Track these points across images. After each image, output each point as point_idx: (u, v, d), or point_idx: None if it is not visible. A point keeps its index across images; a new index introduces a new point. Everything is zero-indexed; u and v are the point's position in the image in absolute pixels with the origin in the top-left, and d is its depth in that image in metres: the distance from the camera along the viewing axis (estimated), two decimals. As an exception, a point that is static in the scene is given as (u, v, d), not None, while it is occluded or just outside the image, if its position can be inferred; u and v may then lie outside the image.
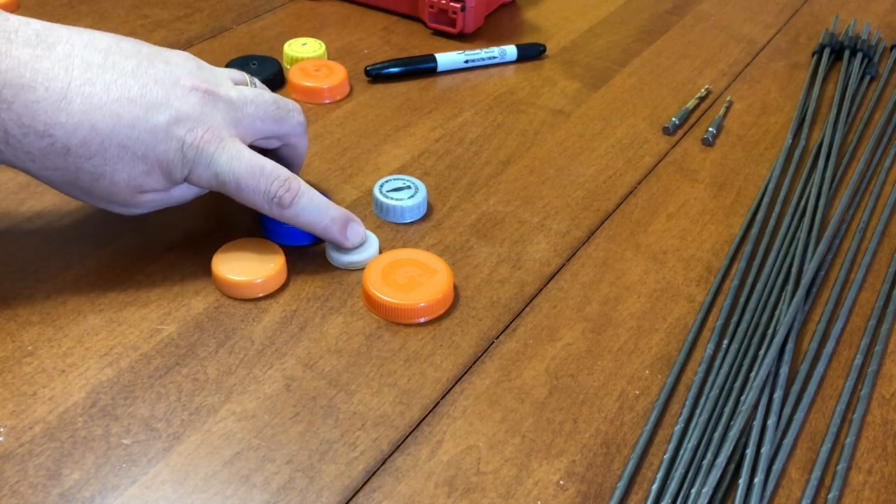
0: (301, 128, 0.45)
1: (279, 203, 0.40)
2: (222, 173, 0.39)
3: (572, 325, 0.42)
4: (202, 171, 0.39)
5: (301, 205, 0.41)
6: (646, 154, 0.55)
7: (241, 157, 0.39)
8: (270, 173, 0.40)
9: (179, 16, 0.67)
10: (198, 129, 0.38)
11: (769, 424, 0.36)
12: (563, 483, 0.34)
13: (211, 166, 0.39)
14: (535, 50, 0.65)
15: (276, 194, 0.40)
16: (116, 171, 0.37)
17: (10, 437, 0.34)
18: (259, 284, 0.41)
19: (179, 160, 0.38)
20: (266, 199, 0.40)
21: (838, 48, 0.68)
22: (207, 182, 0.40)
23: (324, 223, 0.42)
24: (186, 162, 0.38)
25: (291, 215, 0.41)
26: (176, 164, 0.38)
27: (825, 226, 0.49)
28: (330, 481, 0.33)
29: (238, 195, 0.40)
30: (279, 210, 0.40)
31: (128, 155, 0.37)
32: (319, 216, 0.42)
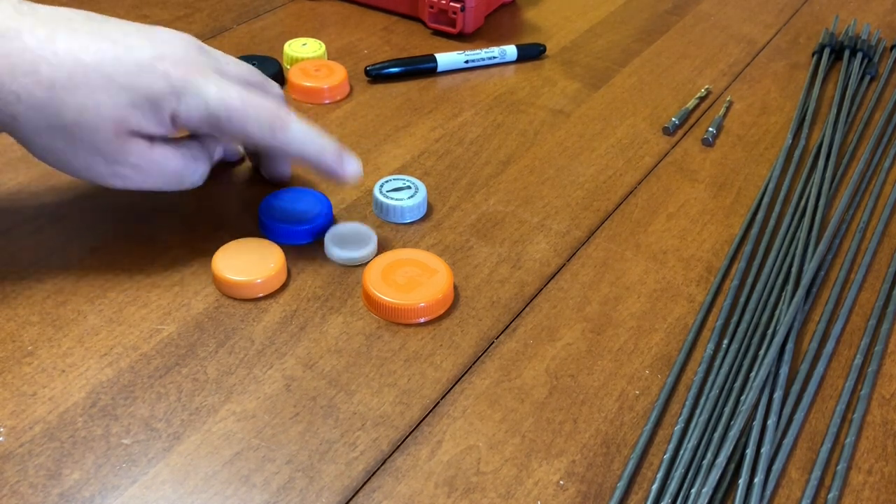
0: (282, 99, 0.45)
1: (272, 127, 0.40)
2: (212, 102, 0.38)
3: (572, 325, 0.42)
4: (191, 100, 0.38)
5: (294, 129, 0.41)
6: (646, 154, 0.55)
7: (230, 87, 0.39)
8: (261, 101, 0.40)
9: (179, 16, 0.67)
10: (182, 65, 0.38)
11: (769, 424, 0.36)
12: (563, 483, 0.34)
13: (200, 95, 0.38)
14: (535, 50, 0.65)
15: (269, 119, 0.40)
16: (101, 103, 0.37)
17: (10, 437, 0.34)
18: (259, 284, 0.41)
19: (167, 90, 0.38)
20: (258, 125, 0.39)
21: (838, 48, 0.68)
22: (197, 114, 0.39)
23: (317, 149, 0.42)
24: (174, 91, 0.38)
25: (284, 142, 0.41)
26: (164, 94, 0.38)
27: (825, 226, 0.49)
28: (330, 481, 0.33)
29: (229, 126, 0.39)
30: (272, 135, 0.40)
31: (113, 86, 0.37)
32: (313, 143, 0.42)
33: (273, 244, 0.43)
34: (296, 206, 0.45)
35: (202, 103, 0.38)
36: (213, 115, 0.39)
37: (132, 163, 0.39)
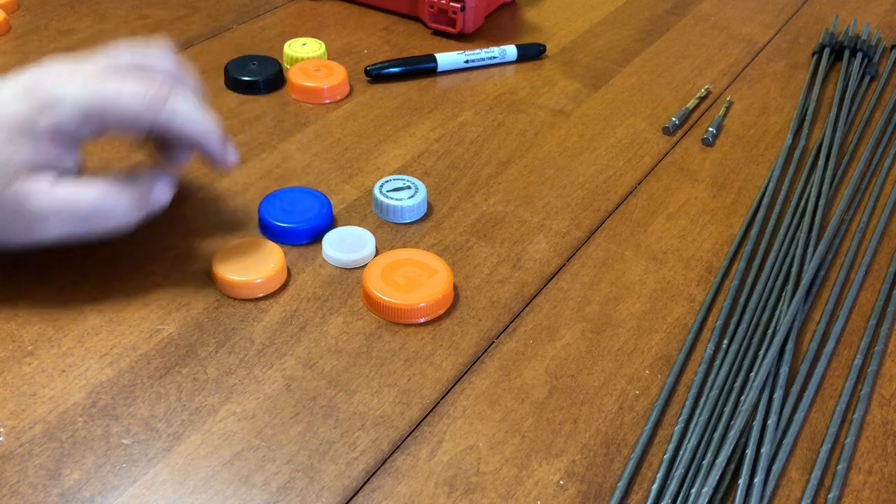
0: (173, 64, 0.40)
1: (151, 106, 0.36)
2: (83, 96, 0.35)
3: (572, 325, 0.42)
4: (61, 108, 0.35)
5: (178, 105, 0.37)
6: (646, 154, 0.55)
7: (97, 79, 0.36)
8: (136, 83, 0.37)
9: (179, 16, 0.67)
10: (40, 79, 0.36)
11: (769, 424, 0.36)
12: (563, 483, 0.34)
13: (67, 96, 0.35)
14: (535, 50, 0.65)
15: (149, 92, 0.36)
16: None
17: (10, 437, 0.34)
18: (259, 284, 0.41)
19: (32, 110, 0.35)
20: (137, 100, 0.36)
21: (838, 48, 0.68)
22: (74, 117, 0.35)
23: (204, 129, 0.39)
24: (38, 106, 0.35)
25: (168, 117, 0.37)
26: (31, 116, 0.35)
27: (825, 226, 0.49)
28: (330, 481, 0.33)
29: (111, 112, 0.36)
30: (155, 114, 0.37)
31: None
32: (199, 122, 0.39)
33: (273, 244, 0.43)
34: (295, 206, 0.45)
35: (73, 105, 0.35)
36: (90, 110, 0.36)
37: (33, 210, 0.36)
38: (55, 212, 0.36)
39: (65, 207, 0.36)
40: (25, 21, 0.65)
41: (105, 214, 0.37)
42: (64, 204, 0.36)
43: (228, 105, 0.57)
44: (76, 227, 0.37)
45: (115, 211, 0.37)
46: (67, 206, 0.36)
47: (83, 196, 0.36)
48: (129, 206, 0.38)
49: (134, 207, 0.38)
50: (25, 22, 0.65)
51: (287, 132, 0.54)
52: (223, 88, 0.58)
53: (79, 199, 0.36)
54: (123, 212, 0.38)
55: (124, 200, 0.38)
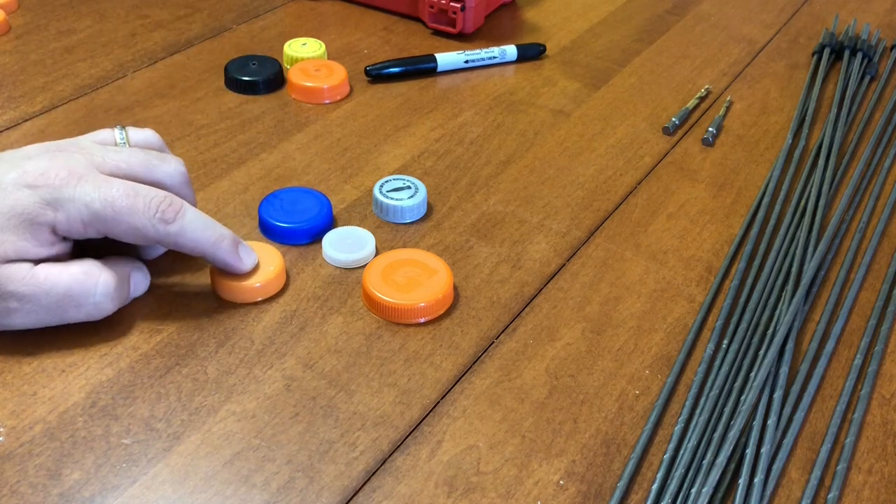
0: (180, 176, 0.40)
1: (163, 219, 0.36)
2: (93, 202, 0.35)
3: (572, 325, 0.42)
4: (70, 207, 0.35)
5: (187, 219, 0.37)
6: (646, 154, 0.55)
7: (111, 182, 0.36)
8: (147, 192, 0.37)
9: (179, 16, 0.67)
10: (51, 173, 0.35)
11: (769, 424, 0.36)
12: (563, 483, 0.34)
13: (77, 199, 0.35)
14: (535, 50, 0.65)
15: (159, 209, 0.36)
16: None
17: (10, 437, 0.34)
18: (257, 288, 0.41)
19: (38, 204, 0.35)
20: (147, 217, 0.36)
21: (838, 48, 0.68)
22: (79, 220, 0.35)
23: (213, 239, 0.39)
24: (49, 203, 0.35)
25: (177, 232, 0.37)
26: (37, 209, 0.35)
27: (825, 226, 0.49)
28: (330, 481, 0.33)
29: (116, 224, 0.36)
30: (164, 228, 0.37)
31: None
32: (208, 231, 0.38)
33: (271, 247, 0.43)
34: (296, 206, 0.45)
35: (82, 208, 0.35)
36: (97, 217, 0.36)
37: (13, 291, 0.35)
38: (32, 294, 0.35)
39: (42, 289, 0.35)
40: (25, 21, 0.65)
41: (81, 298, 0.36)
42: (41, 286, 0.35)
43: (228, 105, 0.57)
44: (50, 312, 0.36)
45: (91, 295, 0.37)
46: (45, 287, 0.35)
47: (60, 277, 0.36)
48: (106, 291, 0.37)
49: (111, 294, 0.37)
50: (25, 22, 0.65)
51: (287, 132, 0.54)
52: (223, 88, 0.58)
53: (57, 280, 0.36)
54: (101, 296, 0.37)
55: (102, 284, 0.37)
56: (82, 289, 0.36)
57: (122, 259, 0.39)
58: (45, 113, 0.54)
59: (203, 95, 0.57)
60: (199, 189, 0.48)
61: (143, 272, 0.40)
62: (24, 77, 0.58)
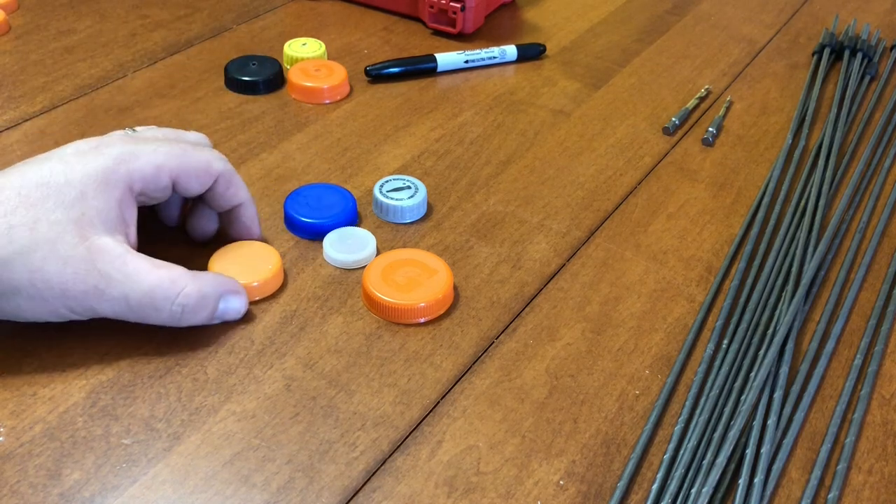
0: (206, 140, 0.43)
1: (220, 157, 0.40)
2: (159, 147, 0.38)
3: (572, 325, 0.42)
4: (140, 154, 0.37)
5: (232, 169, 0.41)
6: (646, 154, 0.55)
7: (163, 143, 0.38)
8: (195, 149, 0.39)
9: (179, 16, 0.67)
10: (105, 139, 0.37)
11: (769, 424, 0.36)
12: (563, 483, 0.34)
13: (141, 150, 0.37)
14: (535, 50, 0.65)
15: (214, 152, 0.40)
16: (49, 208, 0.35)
17: (10, 437, 0.34)
18: (255, 287, 0.41)
19: (110, 160, 0.36)
20: (205, 152, 0.39)
21: (838, 48, 0.68)
22: (153, 163, 0.37)
23: (249, 196, 0.42)
24: (117, 157, 0.36)
25: (232, 170, 0.40)
26: (109, 164, 0.36)
27: (825, 226, 0.49)
28: (330, 481, 0.33)
29: (186, 160, 0.38)
30: (223, 164, 0.40)
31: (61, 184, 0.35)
32: (247, 189, 0.42)
33: (270, 247, 0.43)
34: (321, 202, 0.46)
35: (150, 154, 0.37)
36: (169, 156, 0.37)
37: (101, 270, 0.35)
38: (118, 281, 0.35)
39: (128, 279, 0.35)
40: (25, 21, 0.65)
41: (161, 302, 0.36)
42: (128, 276, 0.35)
43: (228, 105, 0.57)
44: (131, 307, 0.36)
45: (171, 302, 0.36)
46: (131, 278, 0.35)
47: (148, 275, 0.36)
48: (187, 302, 0.37)
49: (192, 306, 0.37)
50: (25, 22, 0.65)
51: (287, 132, 0.54)
52: (223, 88, 0.58)
53: (144, 276, 0.35)
54: (180, 306, 0.36)
55: (184, 296, 0.36)
56: (164, 294, 0.36)
57: (220, 278, 0.39)
58: (45, 113, 0.54)
59: (203, 95, 0.57)
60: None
61: (239, 296, 0.39)
62: (24, 77, 0.58)
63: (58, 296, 0.34)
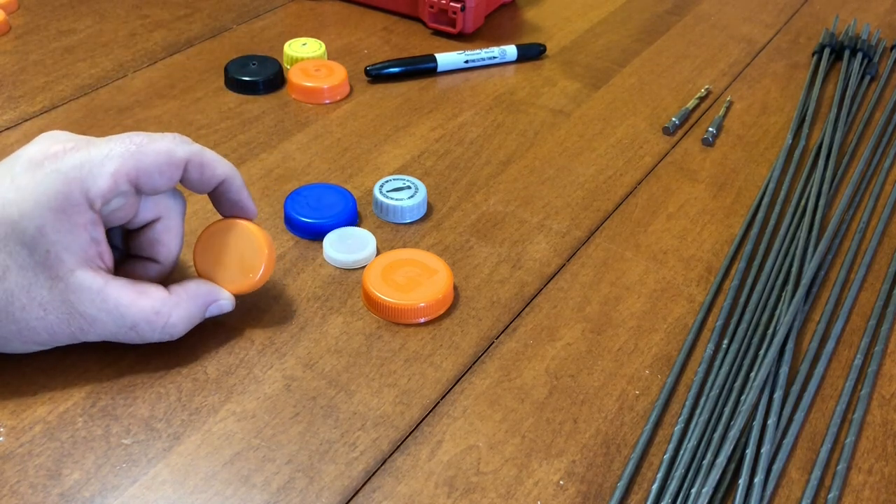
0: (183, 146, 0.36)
1: (182, 140, 0.36)
2: (112, 150, 0.34)
3: (572, 325, 0.42)
4: (94, 163, 0.33)
5: (204, 148, 0.37)
6: (646, 154, 0.55)
7: (118, 141, 0.34)
8: (155, 137, 0.35)
9: (179, 16, 0.67)
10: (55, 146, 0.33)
11: (769, 424, 0.36)
12: (563, 483, 0.34)
13: (94, 157, 0.33)
14: (535, 50, 0.65)
15: (175, 135, 0.36)
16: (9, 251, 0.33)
17: (10, 437, 0.34)
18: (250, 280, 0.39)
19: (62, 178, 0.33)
20: (169, 138, 0.35)
21: (838, 48, 0.68)
22: (108, 172, 0.33)
23: (230, 166, 0.38)
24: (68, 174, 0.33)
25: (199, 150, 0.36)
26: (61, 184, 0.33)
27: (825, 226, 0.49)
28: (330, 481, 0.33)
29: (143, 157, 0.34)
30: (188, 146, 0.36)
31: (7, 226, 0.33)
32: (224, 161, 0.38)
33: (254, 226, 0.39)
34: (320, 202, 0.46)
35: (105, 161, 0.33)
36: (125, 158, 0.34)
37: (83, 312, 0.34)
38: (100, 319, 0.34)
39: (110, 316, 0.34)
40: (25, 21, 0.65)
41: (147, 334, 0.36)
42: (110, 313, 0.34)
43: (228, 105, 0.57)
44: (118, 336, 0.35)
45: (156, 332, 0.36)
46: (113, 315, 0.34)
47: (129, 310, 0.35)
48: (174, 331, 0.36)
49: (179, 328, 0.37)
50: (25, 22, 0.65)
51: (287, 132, 0.54)
52: (223, 88, 0.58)
53: (125, 311, 0.34)
54: (165, 333, 0.36)
55: (170, 326, 0.36)
56: (149, 326, 0.35)
57: (202, 289, 0.38)
58: (45, 113, 0.54)
59: (203, 95, 0.57)
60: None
61: (223, 301, 0.38)
62: (24, 77, 0.58)
63: (47, 339, 0.34)
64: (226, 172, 0.37)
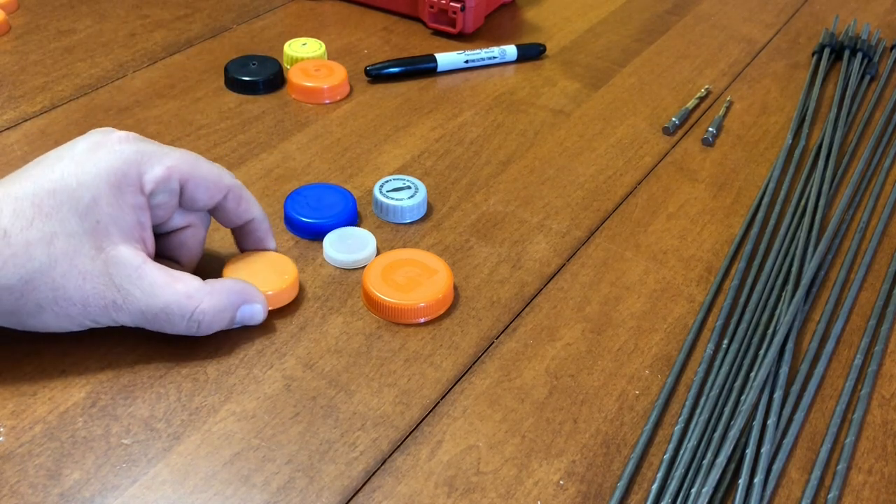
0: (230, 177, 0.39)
1: (227, 171, 0.39)
2: (172, 151, 0.37)
3: (572, 325, 0.42)
4: (152, 155, 0.36)
5: (244, 188, 0.40)
6: (646, 154, 0.55)
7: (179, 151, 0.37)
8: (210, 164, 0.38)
9: (179, 16, 0.67)
10: (113, 136, 0.36)
11: (769, 424, 0.36)
12: (563, 483, 0.34)
13: (154, 150, 0.36)
14: (535, 50, 0.65)
15: (220, 168, 0.39)
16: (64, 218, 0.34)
17: (10, 437, 0.34)
18: (269, 296, 0.40)
19: (122, 158, 0.35)
20: (216, 166, 0.38)
21: (838, 48, 0.68)
22: (164, 164, 0.36)
23: (261, 212, 0.41)
24: (129, 158, 0.35)
25: (240, 184, 0.40)
26: (121, 164, 0.35)
27: (825, 226, 0.49)
28: (330, 481, 0.33)
29: (196, 168, 0.37)
30: (230, 178, 0.39)
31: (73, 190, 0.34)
32: (256, 201, 0.41)
33: (284, 256, 0.42)
34: (320, 202, 0.46)
35: (162, 156, 0.36)
36: (181, 160, 0.37)
37: (119, 284, 0.35)
38: (134, 297, 0.35)
39: (144, 294, 0.35)
40: (25, 21, 0.65)
41: (176, 318, 0.36)
42: (144, 291, 0.35)
43: (228, 105, 0.57)
44: (147, 319, 0.36)
45: (186, 319, 0.36)
46: (147, 293, 0.35)
47: (164, 290, 0.35)
48: (202, 318, 0.37)
49: (208, 321, 0.37)
50: (25, 22, 0.65)
51: (287, 132, 0.54)
52: (223, 88, 0.58)
53: (159, 292, 0.35)
54: (195, 321, 0.36)
55: (200, 312, 0.36)
56: (180, 311, 0.36)
57: (238, 287, 0.38)
58: (45, 113, 0.54)
59: (203, 95, 0.57)
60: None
61: (257, 304, 0.39)
62: (24, 77, 0.58)
63: (80, 311, 0.35)
64: (259, 213, 0.41)
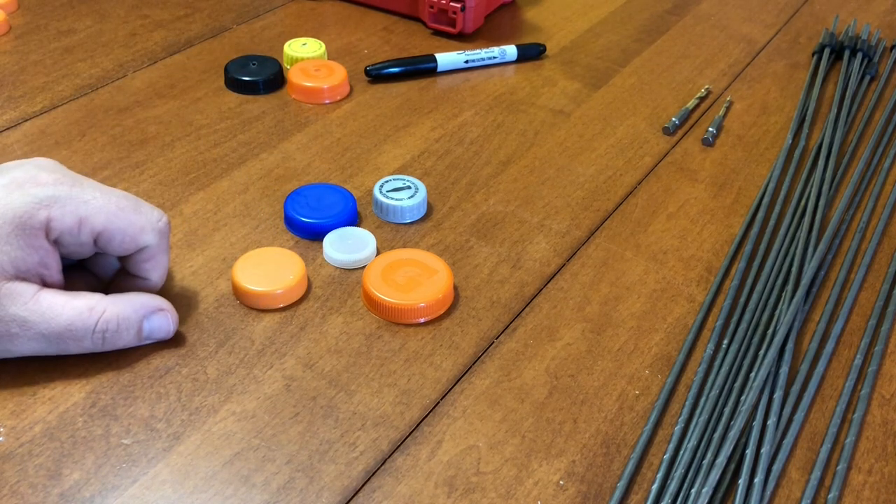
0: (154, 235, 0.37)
1: (164, 230, 0.37)
2: (94, 199, 0.35)
3: (572, 325, 0.42)
4: (66, 203, 0.34)
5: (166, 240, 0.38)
6: (646, 154, 0.55)
7: (111, 188, 0.36)
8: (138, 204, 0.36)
9: (179, 16, 0.67)
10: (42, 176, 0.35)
11: (769, 424, 0.36)
12: (563, 483, 0.34)
13: (75, 197, 0.34)
14: (535, 50, 0.65)
15: (162, 219, 0.37)
16: None
17: (10, 437, 0.34)
18: (279, 295, 0.40)
19: (31, 203, 0.34)
20: (149, 219, 0.37)
21: (838, 48, 0.68)
22: (76, 214, 0.34)
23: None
24: (41, 202, 0.34)
25: (167, 247, 0.38)
26: (29, 208, 0.34)
27: (825, 226, 0.49)
28: (330, 481, 0.33)
29: (116, 219, 0.35)
30: (162, 238, 0.37)
31: None
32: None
33: (293, 253, 0.42)
34: (321, 202, 0.46)
35: (80, 204, 0.35)
36: (99, 211, 0.35)
37: (14, 315, 0.34)
38: (33, 321, 0.34)
39: (43, 318, 0.34)
40: (25, 21, 0.65)
41: (81, 333, 0.35)
42: (43, 314, 0.34)
43: (228, 105, 0.57)
44: (51, 343, 0.35)
45: (91, 332, 0.35)
46: (46, 316, 0.34)
47: (63, 308, 0.35)
48: (106, 328, 0.36)
49: (114, 333, 0.36)
50: (25, 22, 0.65)
51: (287, 132, 0.54)
52: (223, 88, 0.58)
53: (60, 310, 0.34)
54: (101, 333, 0.36)
55: (104, 322, 0.36)
56: (83, 324, 0.35)
57: (142, 298, 0.37)
58: (45, 113, 0.54)
59: (203, 95, 0.57)
60: (199, 189, 0.48)
61: (163, 315, 0.38)
62: (24, 77, 0.58)
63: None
64: (157, 280, 0.39)
